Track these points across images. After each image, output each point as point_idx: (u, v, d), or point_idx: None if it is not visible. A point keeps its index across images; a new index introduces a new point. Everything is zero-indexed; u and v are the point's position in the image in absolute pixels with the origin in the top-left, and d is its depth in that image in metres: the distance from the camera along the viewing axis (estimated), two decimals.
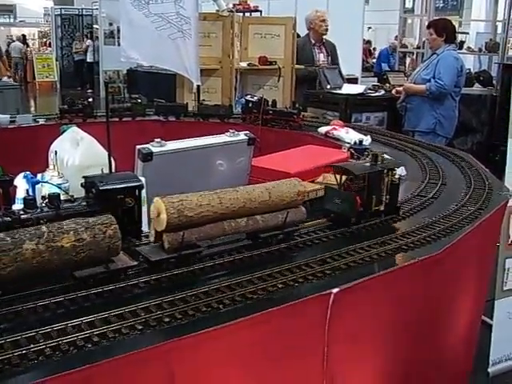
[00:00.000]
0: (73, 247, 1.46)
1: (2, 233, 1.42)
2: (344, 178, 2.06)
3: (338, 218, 2.06)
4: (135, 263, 1.63)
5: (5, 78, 9.92)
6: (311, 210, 2.10)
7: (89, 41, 18.14)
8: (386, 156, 2.28)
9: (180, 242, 1.65)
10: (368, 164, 2.12)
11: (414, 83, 5.41)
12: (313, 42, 6.57)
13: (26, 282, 1.48)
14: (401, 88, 5.64)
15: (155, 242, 1.70)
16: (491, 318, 3.13)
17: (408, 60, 12.72)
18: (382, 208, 2.13)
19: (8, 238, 1.39)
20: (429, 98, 5.19)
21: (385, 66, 13.84)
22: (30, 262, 1.40)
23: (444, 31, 5.26)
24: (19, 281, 1.44)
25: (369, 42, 17.35)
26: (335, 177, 2.09)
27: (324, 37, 6.62)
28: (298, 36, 6.52)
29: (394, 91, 5.77)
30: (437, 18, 7.14)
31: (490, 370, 3.15)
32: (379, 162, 2.12)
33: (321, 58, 6.57)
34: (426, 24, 6.05)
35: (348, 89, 6.06)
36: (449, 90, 5.16)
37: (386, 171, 2.11)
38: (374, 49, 17.89)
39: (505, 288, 3.14)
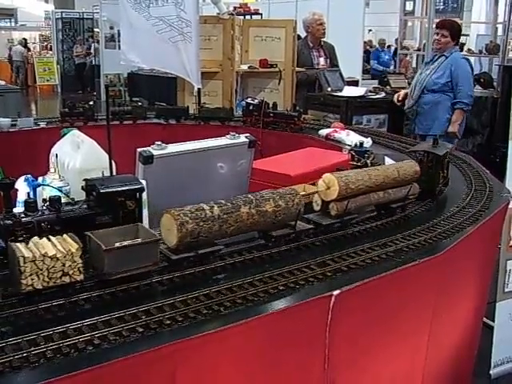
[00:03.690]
0: (273, 211, 1.79)
1: (222, 200, 1.71)
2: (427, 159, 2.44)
3: (424, 193, 2.39)
4: (312, 226, 1.95)
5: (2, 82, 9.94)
6: None
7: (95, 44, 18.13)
8: None
9: (344, 209, 1.99)
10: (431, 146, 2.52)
11: (425, 87, 5.23)
12: (311, 45, 6.50)
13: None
14: (402, 94, 5.57)
15: (320, 211, 2.02)
16: (493, 319, 3.12)
17: (406, 60, 12.66)
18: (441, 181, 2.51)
19: (229, 204, 1.70)
20: (443, 103, 5.11)
21: (373, 64, 13.91)
22: (245, 223, 1.73)
23: (457, 35, 5.21)
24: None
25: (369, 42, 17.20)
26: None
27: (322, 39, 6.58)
28: (299, 38, 6.50)
29: (394, 98, 5.64)
30: (448, 19, 6.64)
31: (491, 372, 3.14)
32: (438, 146, 2.53)
33: (321, 61, 6.51)
34: (437, 23, 5.74)
35: (349, 91, 6.05)
36: (473, 95, 5.23)
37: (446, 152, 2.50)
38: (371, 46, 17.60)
39: (506, 290, 3.13)
